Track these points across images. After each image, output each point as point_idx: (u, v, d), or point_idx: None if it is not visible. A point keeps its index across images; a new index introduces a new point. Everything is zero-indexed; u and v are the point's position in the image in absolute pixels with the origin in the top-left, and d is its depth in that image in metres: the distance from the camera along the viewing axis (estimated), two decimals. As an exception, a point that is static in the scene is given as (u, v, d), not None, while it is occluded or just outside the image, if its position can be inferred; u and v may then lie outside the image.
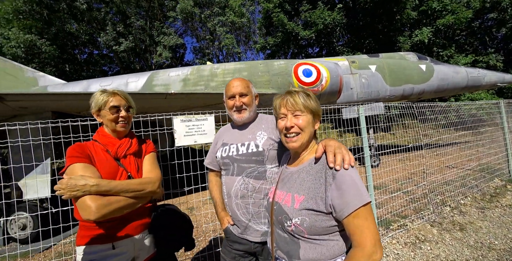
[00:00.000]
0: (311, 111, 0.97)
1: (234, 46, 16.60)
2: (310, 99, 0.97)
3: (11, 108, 3.71)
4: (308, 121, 0.96)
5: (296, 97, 0.96)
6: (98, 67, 18.22)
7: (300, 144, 0.96)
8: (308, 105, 0.96)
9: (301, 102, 0.95)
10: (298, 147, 0.97)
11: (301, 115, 0.96)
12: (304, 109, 0.95)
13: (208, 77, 5.52)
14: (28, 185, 3.64)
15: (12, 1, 12.38)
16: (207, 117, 1.95)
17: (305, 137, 0.96)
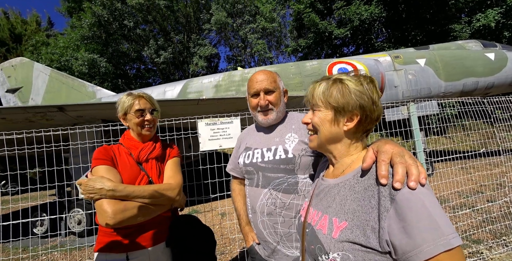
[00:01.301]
0: (331, 106, 0.71)
1: (265, 51, 16.72)
2: (335, 91, 0.71)
3: (72, 117, 4.25)
4: (325, 118, 0.73)
5: (316, 88, 0.75)
6: (144, 80, 20.32)
7: (316, 144, 0.77)
8: (328, 98, 0.71)
9: (317, 95, 0.73)
10: (314, 147, 0.79)
11: (316, 110, 0.75)
12: (321, 103, 0.72)
13: (239, 82, 5.55)
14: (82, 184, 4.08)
15: (80, 29, 14.78)
16: (232, 120, 1.84)
17: (322, 137, 0.75)
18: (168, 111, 4.49)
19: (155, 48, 16.16)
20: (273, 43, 19.53)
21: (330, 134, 0.74)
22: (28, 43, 15.47)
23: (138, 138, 1.25)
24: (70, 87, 7.84)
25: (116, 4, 14.88)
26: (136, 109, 1.20)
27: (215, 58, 20.69)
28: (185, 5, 17.94)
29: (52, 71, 7.92)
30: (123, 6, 15.25)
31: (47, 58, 13.89)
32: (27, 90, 7.87)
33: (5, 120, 3.86)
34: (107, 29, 15.49)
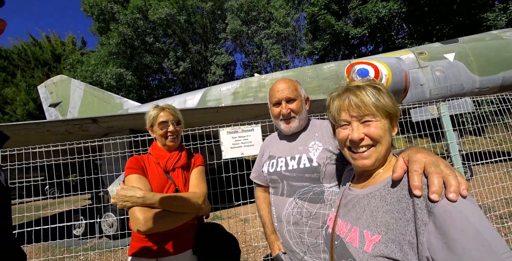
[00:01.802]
0: (387, 114, 0.67)
1: (281, 56, 16.78)
2: (383, 96, 0.67)
3: (103, 128, 4.60)
4: (384, 128, 0.67)
5: (363, 95, 0.67)
6: (165, 90, 21.38)
7: (375, 161, 0.68)
8: (383, 106, 0.66)
9: (371, 102, 0.66)
10: (372, 165, 0.68)
11: (373, 121, 0.67)
12: (376, 112, 0.66)
13: (256, 89, 5.61)
14: (113, 190, 4.36)
15: (108, 46, 16.09)
16: (253, 128, 1.86)
17: (382, 150, 0.67)
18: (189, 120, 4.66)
19: (174, 59, 17.03)
20: (288, 47, 19.56)
21: (388, 144, 0.68)
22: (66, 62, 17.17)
23: (164, 147, 1.32)
24: (101, 99, 8.51)
25: (138, 21, 16.01)
26: (160, 122, 1.28)
27: (232, 66, 21.19)
28: (201, 16, 18.76)
29: (86, 86, 8.68)
30: (145, 22, 16.36)
31: (81, 75, 15.28)
32: (66, 104, 8.68)
33: (49, 132, 4.29)
34: (131, 45, 16.68)
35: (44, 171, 7.04)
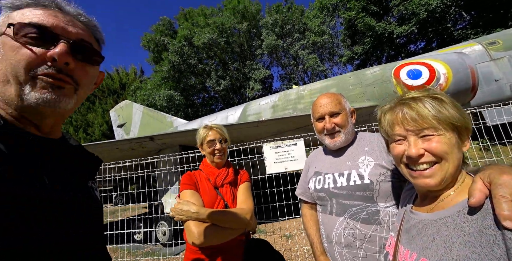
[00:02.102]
0: (453, 127, 0.59)
1: (318, 65, 16.52)
2: (447, 106, 0.59)
3: (158, 144, 5.17)
4: (451, 143, 0.58)
5: (419, 107, 0.60)
6: (208, 107, 23.06)
7: (440, 180, 0.59)
8: (446, 118, 0.58)
9: (431, 115, 0.58)
10: (437, 185, 0.59)
11: (434, 135, 0.59)
12: (438, 125, 0.58)
13: (295, 101, 5.57)
14: (166, 201, 4.76)
15: (160, 73, 18.55)
16: (296, 142, 1.83)
17: (449, 168, 0.58)
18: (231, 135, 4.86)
19: (215, 78, 18.46)
20: (326, 55, 19.16)
21: (457, 161, 0.59)
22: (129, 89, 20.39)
23: (212, 164, 1.40)
24: (155, 119, 9.67)
25: (184, 48, 18.10)
26: (208, 140, 1.37)
27: (269, 79, 21.72)
28: (238, 36, 20.11)
29: (144, 108, 10.04)
30: (190, 48, 18.39)
31: (140, 98, 17.84)
32: (129, 125, 10.15)
33: (118, 150, 5.06)
34: (179, 69, 18.84)
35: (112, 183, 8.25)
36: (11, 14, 0.49)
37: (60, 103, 0.49)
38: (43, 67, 0.47)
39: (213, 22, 18.35)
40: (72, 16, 0.53)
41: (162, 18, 21.16)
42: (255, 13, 20.16)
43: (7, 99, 0.47)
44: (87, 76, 0.55)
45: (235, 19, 19.08)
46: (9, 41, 0.46)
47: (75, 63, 0.50)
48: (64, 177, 0.53)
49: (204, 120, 7.18)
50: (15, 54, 0.46)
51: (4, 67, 0.46)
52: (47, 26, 0.48)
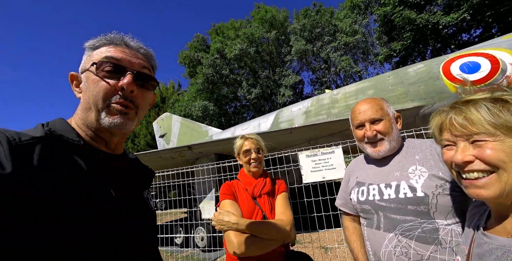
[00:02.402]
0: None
1: (351, 66, 15.75)
2: (505, 111, 0.53)
3: (195, 153, 5.48)
4: (507, 151, 0.52)
5: (470, 113, 0.55)
6: (240, 115, 23.71)
7: (498, 192, 0.52)
8: (507, 122, 0.52)
9: (484, 120, 0.53)
10: (493, 197, 0.53)
11: (488, 140, 0.53)
12: (496, 130, 0.52)
13: (329, 105, 5.37)
14: (203, 208, 4.95)
15: (196, 85, 19.91)
16: (333, 149, 1.74)
17: (510, 179, 0.51)
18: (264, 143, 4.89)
19: (247, 87, 19.01)
20: (359, 55, 18.21)
21: None
22: (168, 102, 22.33)
23: (249, 173, 1.42)
24: (192, 129, 10.31)
25: (217, 61, 19.17)
26: (244, 150, 1.40)
27: (299, 85, 21.48)
28: (267, 45, 20.52)
29: (182, 119, 10.81)
30: (222, 60, 19.40)
31: (178, 110, 19.33)
32: (169, 135, 11.01)
33: (160, 158, 5.51)
34: (212, 81, 19.97)
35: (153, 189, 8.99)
36: (92, 53, 0.61)
37: (126, 126, 0.60)
38: (116, 97, 0.58)
39: (243, 34, 19.14)
40: (135, 49, 0.64)
41: (196, 35, 22.93)
42: (283, 21, 20.40)
43: (88, 123, 0.59)
44: (144, 100, 0.65)
45: (263, 28, 19.60)
46: (91, 76, 0.58)
47: (137, 90, 0.61)
48: (126, 189, 0.62)
49: (237, 128, 7.38)
50: (96, 86, 0.57)
51: (87, 97, 0.58)
52: (118, 62, 0.59)
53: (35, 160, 0.45)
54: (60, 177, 0.47)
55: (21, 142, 0.45)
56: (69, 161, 0.51)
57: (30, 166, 0.44)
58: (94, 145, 0.60)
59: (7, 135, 0.45)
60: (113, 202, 0.55)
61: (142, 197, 0.68)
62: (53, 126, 0.55)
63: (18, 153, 0.44)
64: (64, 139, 0.53)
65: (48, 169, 0.46)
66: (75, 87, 0.63)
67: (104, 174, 0.57)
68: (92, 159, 0.55)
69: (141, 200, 0.68)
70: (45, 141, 0.49)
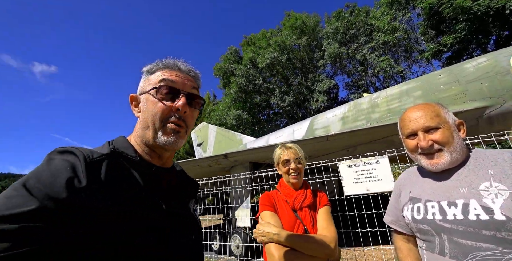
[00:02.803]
0: None
1: (392, 66, 14.51)
2: None
3: (231, 161, 5.62)
4: None
5: None
6: (273, 123, 23.70)
7: None
8: None
9: None
10: None
11: None
12: None
13: (368, 110, 5.00)
14: (239, 216, 4.98)
15: (230, 95, 20.76)
16: (378, 159, 1.58)
17: None
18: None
19: (280, 95, 19.05)
20: (401, 54, 16.71)
21: None
22: (205, 112, 23.72)
23: (288, 184, 1.38)
24: (227, 138, 10.66)
25: (249, 71, 19.77)
26: (283, 160, 1.37)
27: (334, 89, 20.64)
28: (299, 51, 20.40)
29: (217, 128, 11.29)
30: (254, 69, 19.93)
31: (214, 119, 20.32)
32: (206, 144, 11.58)
33: (198, 166, 5.80)
34: (245, 90, 20.57)
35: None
36: (149, 77, 0.69)
37: (178, 144, 0.66)
38: (172, 118, 0.65)
39: (274, 42, 19.45)
40: (185, 72, 0.71)
41: (229, 48, 24.13)
42: (314, 26, 20.13)
43: (145, 140, 0.65)
44: (193, 119, 0.71)
45: (294, 35, 19.62)
46: (150, 97, 0.65)
47: (188, 110, 0.67)
48: (175, 202, 0.67)
49: (270, 136, 7.38)
50: (154, 107, 0.64)
51: (146, 117, 0.65)
52: (173, 84, 0.66)
53: (103, 174, 0.52)
54: (120, 190, 0.53)
55: (93, 159, 0.53)
56: (128, 175, 0.57)
57: (99, 180, 0.50)
58: (148, 159, 0.66)
59: (84, 153, 0.52)
60: (163, 215, 0.59)
61: (188, 209, 0.73)
62: (116, 144, 0.63)
63: (90, 168, 0.50)
64: (124, 155, 0.60)
65: (112, 183, 0.52)
66: (134, 107, 0.71)
67: (156, 187, 0.62)
68: (146, 173, 0.62)
69: (188, 212, 0.72)
70: (110, 157, 0.56)
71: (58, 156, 0.51)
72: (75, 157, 0.51)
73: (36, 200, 0.41)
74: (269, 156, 1.47)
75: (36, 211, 0.40)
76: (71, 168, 0.48)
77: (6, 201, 0.41)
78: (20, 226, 0.39)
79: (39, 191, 0.43)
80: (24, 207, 0.40)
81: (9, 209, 0.39)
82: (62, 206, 0.43)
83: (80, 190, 0.46)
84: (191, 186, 0.81)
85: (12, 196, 0.42)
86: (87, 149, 0.56)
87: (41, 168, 0.48)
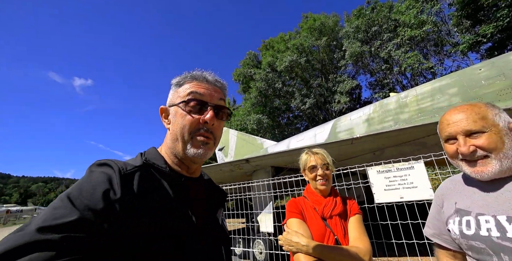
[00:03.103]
0: None
1: (420, 62, 13.54)
2: None
3: (252, 166, 5.61)
4: None
5: None
6: (293, 126, 23.37)
7: None
8: None
9: None
10: None
11: None
12: None
13: (396, 110, 4.69)
14: (261, 220, 4.92)
15: (249, 100, 20.97)
16: (412, 164, 1.45)
17: None
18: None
19: (300, 98, 18.78)
20: (430, 48, 15.55)
21: None
22: (225, 117, 24.24)
23: (316, 191, 1.32)
24: (247, 142, 10.72)
25: (268, 74, 19.82)
26: (310, 166, 1.32)
27: (356, 89, 19.83)
28: (318, 52, 20.03)
29: (238, 133, 11.42)
30: (273, 73, 19.94)
31: (234, 124, 20.61)
32: (227, 148, 11.76)
33: (221, 171, 5.88)
34: (265, 94, 20.64)
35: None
36: (178, 90, 0.71)
37: (206, 155, 0.67)
38: (200, 130, 0.66)
39: (292, 45, 19.35)
40: (213, 83, 0.72)
41: (248, 53, 24.53)
42: (333, 26, 19.67)
43: (176, 152, 0.67)
44: (220, 130, 0.72)
45: (312, 37, 19.34)
46: (179, 110, 0.67)
47: (216, 123, 0.68)
48: (204, 211, 0.68)
49: (291, 140, 7.25)
50: (183, 120, 0.66)
51: (175, 129, 0.67)
52: (201, 97, 0.68)
53: (135, 186, 0.54)
54: (151, 201, 0.55)
55: (127, 171, 0.55)
56: (158, 186, 0.60)
57: (132, 192, 0.53)
58: (178, 170, 0.68)
59: (118, 166, 0.55)
60: (193, 226, 0.60)
61: (217, 220, 0.74)
62: (148, 155, 0.66)
63: (125, 180, 0.53)
64: (155, 166, 0.63)
65: (143, 194, 0.55)
66: (164, 118, 0.72)
67: (185, 197, 0.64)
68: (176, 183, 0.64)
69: (216, 222, 0.73)
70: (142, 169, 0.59)
71: (97, 168, 0.55)
72: (111, 169, 0.54)
73: (77, 211, 0.44)
74: (291, 160, 1.42)
75: (77, 221, 0.43)
76: (108, 180, 0.51)
77: (53, 211, 0.44)
78: (63, 235, 0.41)
79: (80, 202, 0.46)
80: (67, 218, 0.43)
81: (54, 219, 0.42)
82: (100, 216, 0.46)
83: (115, 201, 0.48)
84: (219, 194, 0.81)
85: (58, 206, 0.45)
86: (121, 161, 0.59)
87: (83, 180, 0.52)
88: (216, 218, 0.74)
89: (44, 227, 0.41)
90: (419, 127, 3.48)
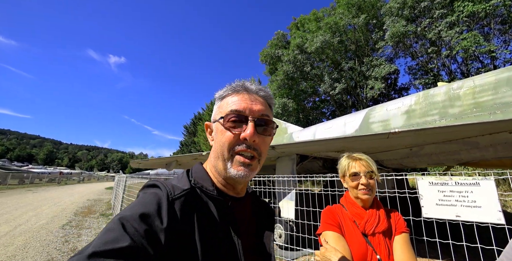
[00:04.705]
0: None
1: (480, 44, 11.62)
2: None
3: (278, 153, 5.57)
4: None
5: None
6: (319, 111, 22.47)
7: None
8: None
9: None
10: None
11: None
12: None
13: (444, 103, 4.14)
14: (282, 206, 4.99)
15: (276, 82, 20.30)
16: (478, 181, 1.23)
17: None
18: (353, 148, 4.33)
19: (329, 82, 17.66)
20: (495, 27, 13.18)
21: None
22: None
23: (356, 200, 1.20)
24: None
25: (297, 56, 18.72)
26: (352, 173, 1.19)
27: (393, 74, 18.04)
28: (353, 32, 18.20)
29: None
30: (302, 55, 18.78)
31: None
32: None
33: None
34: (292, 77, 19.77)
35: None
36: (220, 104, 0.68)
37: (249, 176, 0.63)
38: (239, 147, 0.61)
39: (325, 24, 17.76)
40: (255, 93, 0.67)
41: (276, 33, 23.22)
42: (374, 1, 17.46)
43: (219, 171, 0.65)
44: (266, 146, 0.67)
45: (349, 14, 17.48)
46: (220, 126, 0.64)
47: (258, 139, 0.63)
48: (250, 235, 0.66)
49: (318, 127, 6.98)
50: (223, 137, 0.63)
51: (216, 147, 0.64)
52: (240, 112, 0.63)
53: (182, 212, 0.53)
54: (199, 228, 0.53)
55: (175, 196, 0.54)
56: (206, 212, 0.58)
57: (178, 219, 0.52)
58: (224, 190, 0.66)
59: (167, 190, 0.55)
60: (239, 254, 0.58)
61: (264, 246, 0.70)
62: (195, 175, 0.65)
63: (172, 207, 0.52)
64: (203, 189, 0.61)
65: (190, 221, 0.53)
66: (208, 134, 0.71)
67: (231, 221, 0.61)
68: (223, 206, 0.61)
69: (263, 248, 0.69)
70: (189, 194, 0.58)
71: (148, 190, 0.57)
72: (161, 191, 0.55)
73: (128, 237, 0.44)
74: (318, 149, 1.29)
75: (127, 249, 0.42)
76: (157, 204, 0.51)
77: (106, 235, 0.44)
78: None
79: (131, 227, 0.45)
80: (117, 244, 0.42)
81: (105, 244, 0.42)
82: (148, 244, 0.45)
83: (162, 230, 0.48)
84: (266, 215, 0.78)
85: (111, 229, 0.45)
86: (170, 184, 0.58)
87: (135, 203, 0.52)
88: (264, 243, 0.70)
89: (95, 252, 0.40)
90: (474, 125, 3.04)
